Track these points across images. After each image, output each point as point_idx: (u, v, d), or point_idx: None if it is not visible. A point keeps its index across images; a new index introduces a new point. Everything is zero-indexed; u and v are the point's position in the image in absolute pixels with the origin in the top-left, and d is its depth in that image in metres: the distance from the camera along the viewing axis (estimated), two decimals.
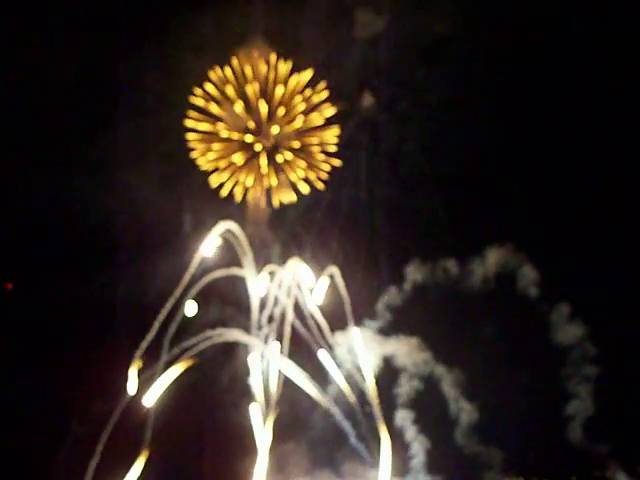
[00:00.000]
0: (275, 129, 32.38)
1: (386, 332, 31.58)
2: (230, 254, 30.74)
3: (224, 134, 32.40)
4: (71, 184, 30.41)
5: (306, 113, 32.54)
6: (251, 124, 32.30)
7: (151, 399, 28.79)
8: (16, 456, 29.58)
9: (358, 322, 31.18)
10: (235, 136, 32.44)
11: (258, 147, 32.35)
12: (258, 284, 31.03)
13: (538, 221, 30.87)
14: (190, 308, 29.83)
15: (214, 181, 32.58)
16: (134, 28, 31.32)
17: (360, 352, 30.82)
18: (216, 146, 32.51)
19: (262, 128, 32.27)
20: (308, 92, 32.45)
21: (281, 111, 32.37)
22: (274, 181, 32.78)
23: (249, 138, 32.29)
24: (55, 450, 29.25)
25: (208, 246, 30.32)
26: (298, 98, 32.41)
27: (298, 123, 32.52)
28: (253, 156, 32.49)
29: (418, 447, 30.87)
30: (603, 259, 30.40)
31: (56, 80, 30.14)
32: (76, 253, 31.23)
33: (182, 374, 29.38)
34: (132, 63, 30.94)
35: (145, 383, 29.07)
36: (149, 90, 31.39)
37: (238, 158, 32.38)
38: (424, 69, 31.97)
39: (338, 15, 31.85)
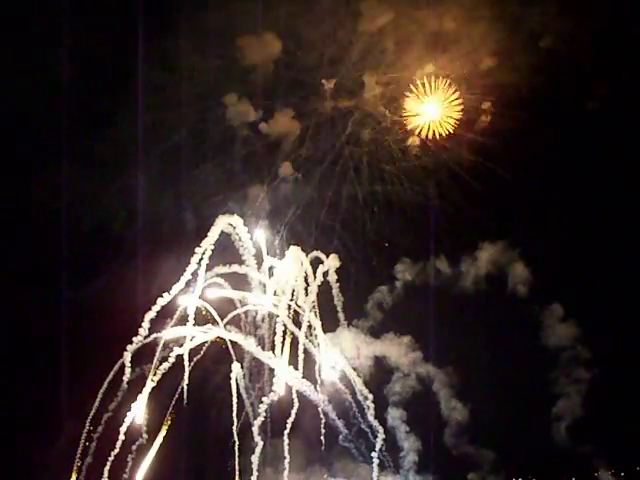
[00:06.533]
0: None
1: (377, 331, 31.71)
2: (230, 250, 30.74)
3: None
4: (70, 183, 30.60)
5: None
6: None
7: (145, 397, 29.00)
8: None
9: (349, 321, 31.48)
10: None
11: None
12: (256, 281, 31.15)
13: (530, 221, 31.03)
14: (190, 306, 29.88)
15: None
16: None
17: (351, 352, 31.17)
18: None
19: None
20: None
21: None
22: None
23: None
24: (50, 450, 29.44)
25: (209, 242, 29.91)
26: None
27: None
28: None
29: (409, 446, 31.11)
30: (596, 260, 30.37)
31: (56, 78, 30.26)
32: (74, 252, 31.24)
33: (177, 373, 29.59)
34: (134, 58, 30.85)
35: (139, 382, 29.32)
36: (150, 86, 31.00)
37: None
38: None
39: None
